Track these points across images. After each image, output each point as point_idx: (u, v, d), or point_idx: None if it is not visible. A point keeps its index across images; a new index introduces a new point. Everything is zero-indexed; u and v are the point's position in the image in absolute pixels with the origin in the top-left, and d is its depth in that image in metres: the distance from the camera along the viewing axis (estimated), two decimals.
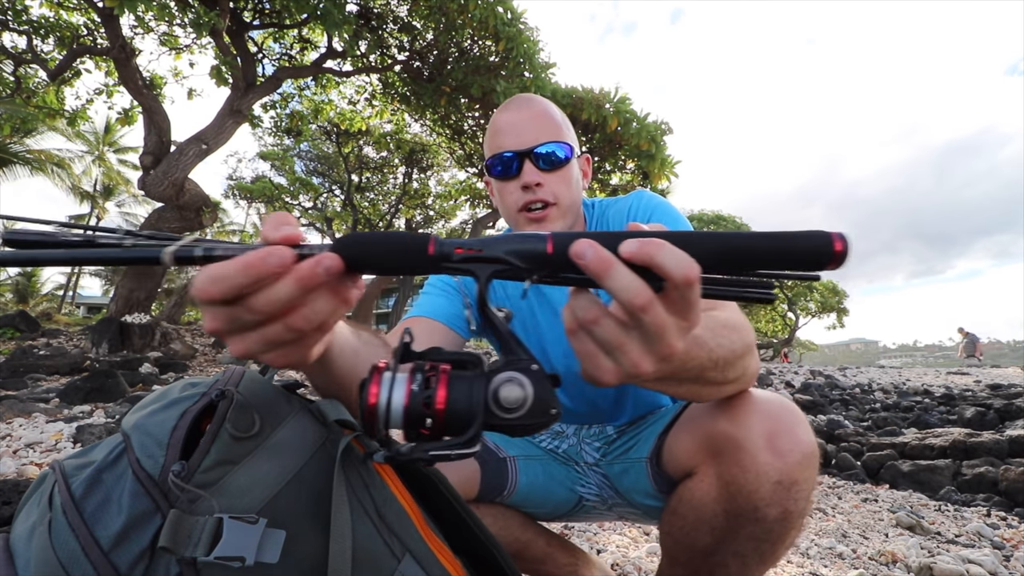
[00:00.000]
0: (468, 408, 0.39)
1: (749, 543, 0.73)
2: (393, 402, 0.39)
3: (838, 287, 23.42)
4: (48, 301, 26.33)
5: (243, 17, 7.77)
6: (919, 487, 2.78)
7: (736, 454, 0.71)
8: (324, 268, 0.39)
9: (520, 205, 0.97)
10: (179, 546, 0.46)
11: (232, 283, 0.38)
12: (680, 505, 0.80)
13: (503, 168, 0.98)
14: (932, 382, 8.19)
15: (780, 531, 0.71)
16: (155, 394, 0.62)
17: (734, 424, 0.72)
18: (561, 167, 0.98)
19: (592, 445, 1.08)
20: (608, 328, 0.42)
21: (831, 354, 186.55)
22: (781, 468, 0.69)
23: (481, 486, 0.98)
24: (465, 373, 0.41)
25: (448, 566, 0.61)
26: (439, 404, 0.39)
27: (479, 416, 0.39)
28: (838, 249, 0.40)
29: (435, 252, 0.43)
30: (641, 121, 7.85)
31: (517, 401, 0.39)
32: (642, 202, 1.04)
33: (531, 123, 0.98)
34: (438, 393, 0.39)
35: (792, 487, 0.69)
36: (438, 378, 0.40)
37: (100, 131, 24.02)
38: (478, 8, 7.11)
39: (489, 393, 0.39)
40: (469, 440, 0.39)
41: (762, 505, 0.69)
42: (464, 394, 0.39)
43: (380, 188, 15.52)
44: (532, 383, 0.40)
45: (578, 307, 0.43)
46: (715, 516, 0.74)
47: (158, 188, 7.25)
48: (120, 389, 3.85)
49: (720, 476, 0.73)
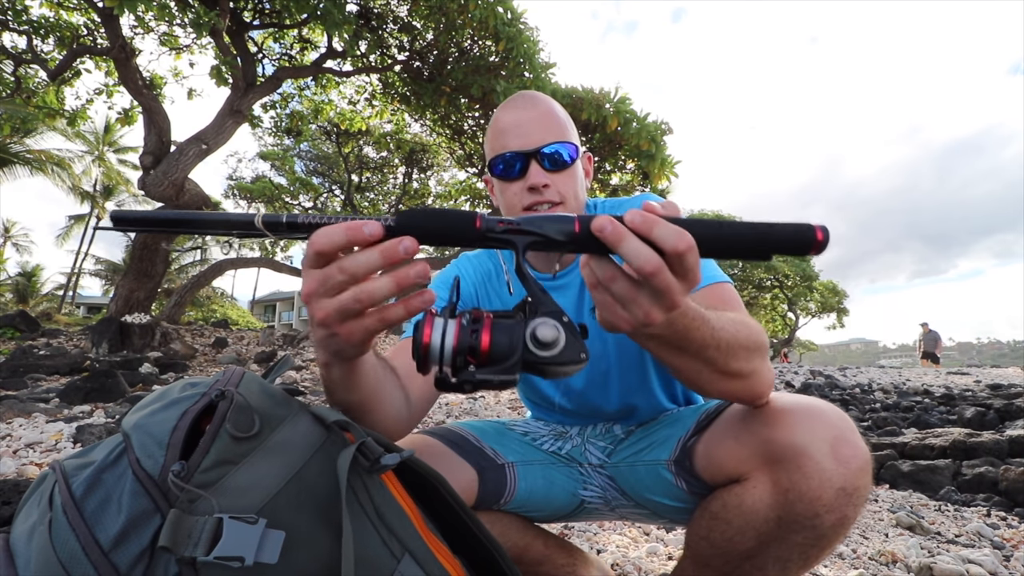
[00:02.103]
0: (509, 344, 0.47)
1: (796, 548, 0.73)
2: (446, 341, 0.47)
3: (838, 287, 23.39)
4: (48, 301, 26.31)
5: (243, 17, 7.77)
6: (919, 487, 2.78)
7: (799, 460, 0.71)
8: (403, 247, 0.48)
9: (525, 206, 0.96)
10: (179, 546, 0.46)
11: (336, 238, 0.48)
12: (724, 510, 0.79)
13: (507, 169, 0.96)
14: (932, 382, 8.19)
15: (832, 536, 0.72)
16: (155, 394, 0.62)
17: (794, 431, 0.72)
18: (567, 168, 0.97)
19: (597, 445, 1.07)
20: (622, 285, 0.51)
21: (831, 354, 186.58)
22: (845, 475, 0.69)
23: (479, 494, 0.98)
24: (507, 320, 0.49)
25: (447, 566, 0.61)
26: (484, 344, 0.47)
27: (519, 350, 0.46)
28: (819, 238, 0.48)
29: (481, 226, 0.51)
30: (641, 121, 7.85)
31: (552, 339, 0.46)
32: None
33: (537, 123, 0.96)
34: (483, 335, 0.47)
35: (854, 494, 0.70)
36: (483, 323, 0.48)
37: (100, 131, 24.00)
38: (478, 8, 7.11)
39: (527, 332, 0.47)
40: (511, 367, 0.46)
41: (823, 512, 0.70)
42: (506, 334, 0.47)
43: (380, 188, 15.52)
44: (564, 328, 0.47)
45: (597, 267, 0.52)
46: (766, 522, 0.74)
47: (158, 188, 7.25)
48: (120, 389, 3.85)
49: (777, 483, 0.73)
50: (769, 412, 0.76)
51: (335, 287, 0.49)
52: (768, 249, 0.50)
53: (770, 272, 20.82)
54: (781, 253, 0.51)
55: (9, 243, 27.85)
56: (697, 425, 0.91)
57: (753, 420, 0.78)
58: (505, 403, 4.57)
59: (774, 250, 0.50)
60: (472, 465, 0.98)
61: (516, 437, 1.09)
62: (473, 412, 3.97)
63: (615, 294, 0.52)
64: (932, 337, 15.54)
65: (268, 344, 8.67)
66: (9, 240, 27.92)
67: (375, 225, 0.48)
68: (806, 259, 22.33)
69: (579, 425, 1.11)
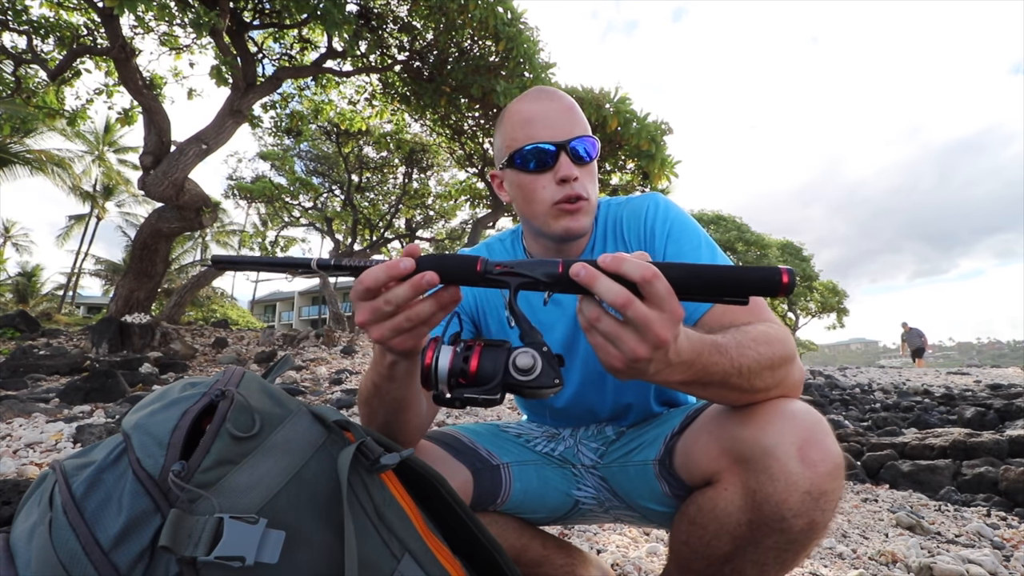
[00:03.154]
0: (493, 369, 0.56)
1: (771, 552, 0.72)
2: (440, 363, 0.57)
3: (838, 287, 23.40)
4: (48, 301, 26.31)
5: (243, 17, 7.77)
6: (919, 487, 2.78)
7: (765, 462, 0.69)
8: (426, 280, 0.59)
9: (556, 200, 0.92)
10: (179, 546, 0.46)
11: (378, 276, 0.59)
12: (700, 515, 0.79)
13: (538, 161, 0.92)
14: (932, 382, 8.19)
15: (804, 541, 0.70)
16: (155, 394, 0.62)
17: (763, 431, 0.70)
18: (590, 163, 0.95)
19: (589, 446, 1.07)
20: (607, 323, 0.56)
21: (831, 354, 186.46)
22: (811, 478, 0.67)
23: (474, 495, 0.97)
24: (494, 349, 0.58)
25: (448, 566, 0.61)
26: (472, 368, 0.57)
27: (500, 374, 0.55)
28: (784, 281, 0.54)
29: (481, 269, 0.61)
30: (641, 121, 7.85)
31: (529, 366, 0.55)
32: (659, 212, 0.99)
33: (565, 116, 0.94)
34: (472, 360, 0.57)
35: (821, 498, 0.68)
36: (473, 350, 0.58)
37: (100, 131, 24.00)
38: (478, 8, 7.10)
39: (511, 359, 0.56)
40: (492, 389, 0.56)
41: (789, 516, 0.68)
42: (491, 361, 0.57)
43: (380, 188, 15.51)
44: (541, 357, 0.55)
45: (585, 309, 0.58)
46: (738, 526, 0.72)
47: (158, 188, 7.24)
48: (120, 389, 3.85)
49: (746, 484, 0.72)
50: (744, 410, 0.75)
51: (385, 314, 0.61)
52: (741, 291, 0.56)
53: None
54: (752, 295, 0.56)
55: (9, 243, 27.85)
56: (682, 423, 0.90)
57: (728, 417, 0.77)
58: (505, 403, 4.58)
59: (746, 291, 0.56)
60: (467, 466, 0.98)
61: (510, 439, 1.09)
62: (473, 412, 3.97)
63: (603, 333, 0.57)
64: (916, 334, 15.34)
65: (268, 344, 8.67)
66: (9, 240, 27.92)
67: (408, 261, 0.60)
68: (806, 259, 22.36)
69: (572, 427, 1.11)
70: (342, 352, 7.75)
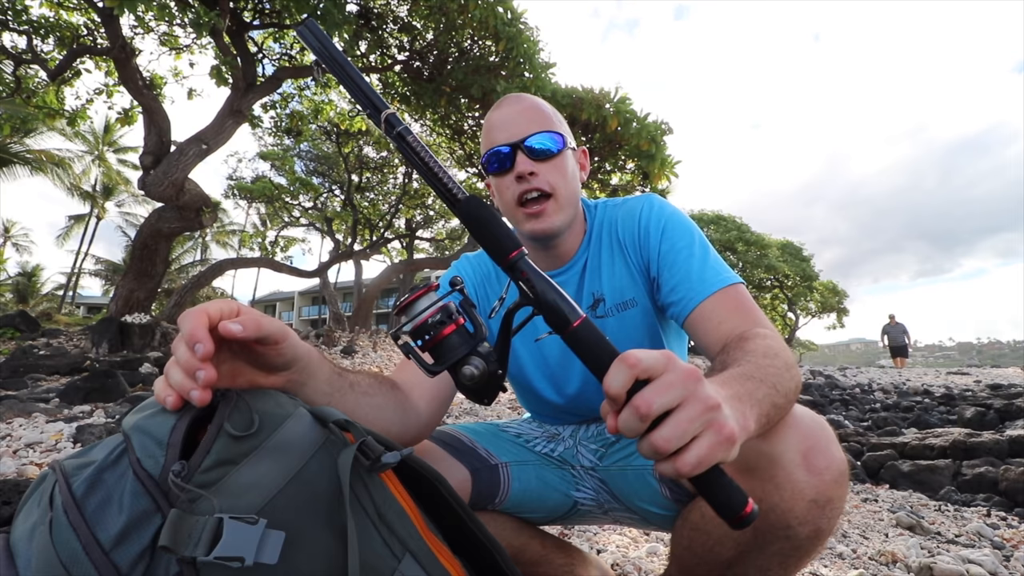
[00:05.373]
0: (450, 354, 0.60)
1: (775, 558, 0.72)
2: (426, 311, 0.60)
3: (838, 287, 23.38)
4: (48, 301, 26.31)
5: (243, 17, 7.76)
6: (919, 487, 2.78)
7: (770, 470, 0.69)
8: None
9: (517, 197, 0.96)
10: (179, 546, 0.46)
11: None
12: (704, 520, 0.78)
13: (498, 163, 0.98)
14: (932, 382, 8.19)
15: (809, 547, 0.71)
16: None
17: (767, 440, 0.69)
18: (553, 157, 0.97)
19: (588, 448, 1.07)
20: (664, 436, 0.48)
21: (831, 354, 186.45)
22: (817, 486, 0.67)
23: (473, 494, 0.98)
24: (468, 338, 0.61)
25: (448, 566, 0.61)
26: (439, 336, 0.60)
27: (449, 363, 0.60)
28: (746, 513, 0.51)
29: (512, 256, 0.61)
30: (641, 121, 7.84)
31: (469, 377, 0.59)
32: (652, 212, 1.00)
33: (521, 116, 0.98)
34: (444, 329, 0.59)
35: (827, 506, 0.68)
36: (450, 324, 0.60)
37: (100, 131, 24.01)
38: (478, 8, 7.10)
39: (463, 362, 0.59)
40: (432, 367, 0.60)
41: (795, 524, 0.68)
42: (452, 348, 0.60)
43: (380, 188, 15.51)
44: (483, 375, 0.59)
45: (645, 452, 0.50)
46: (743, 533, 0.72)
47: (158, 188, 7.24)
48: (120, 389, 3.85)
49: (751, 492, 0.71)
50: None
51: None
52: (708, 496, 0.53)
53: (770, 272, 20.82)
54: (713, 508, 0.53)
55: (9, 243, 27.86)
56: None
57: None
58: (505, 403, 4.57)
59: (712, 503, 0.53)
60: (465, 465, 0.98)
61: (509, 439, 1.09)
62: (473, 412, 3.97)
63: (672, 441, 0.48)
64: (900, 329, 13.75)
65: None
66: (9, 240, 27.92)
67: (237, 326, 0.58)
68: (806, 259, 22.35)
69: (572, 426, 1.11)
70: (342, 352, 7.75)
